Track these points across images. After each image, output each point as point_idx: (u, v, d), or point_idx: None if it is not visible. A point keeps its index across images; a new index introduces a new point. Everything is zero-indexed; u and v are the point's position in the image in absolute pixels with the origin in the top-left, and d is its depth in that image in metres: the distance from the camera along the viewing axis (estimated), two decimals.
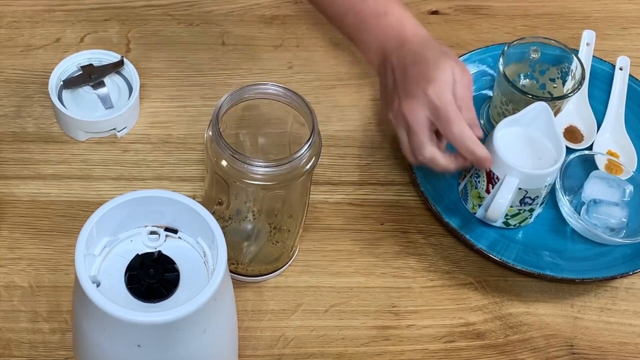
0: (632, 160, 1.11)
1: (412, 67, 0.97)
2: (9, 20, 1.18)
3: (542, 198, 1.02)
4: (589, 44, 1.17)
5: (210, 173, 0.92)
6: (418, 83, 0.95)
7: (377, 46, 1.01)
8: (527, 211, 1.02)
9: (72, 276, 0.98)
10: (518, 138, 1.01)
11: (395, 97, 0.98)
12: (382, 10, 1.00)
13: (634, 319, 1.02)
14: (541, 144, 1.01)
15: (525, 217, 1.03)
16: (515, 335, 1.00)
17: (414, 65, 0.97)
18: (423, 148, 0.97)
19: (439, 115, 0.95)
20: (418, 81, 0.96)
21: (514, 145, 1.00)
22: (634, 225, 1.04)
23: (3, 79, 1.14)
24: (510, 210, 1.02)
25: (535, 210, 1.03)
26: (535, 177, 0.99)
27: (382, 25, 1.00)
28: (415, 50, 0.98)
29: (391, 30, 1.00)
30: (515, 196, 1.00)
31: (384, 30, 1.00)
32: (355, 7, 1.01)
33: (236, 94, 0.90)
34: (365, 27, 1.01)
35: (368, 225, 1.06)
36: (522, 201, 1.01)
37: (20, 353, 0.95)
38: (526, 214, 1.03)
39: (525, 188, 0.99)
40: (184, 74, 1.15)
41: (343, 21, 1.03)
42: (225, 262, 0.78)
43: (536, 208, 1.03)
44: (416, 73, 0.96)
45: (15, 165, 1.07)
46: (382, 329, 0.99)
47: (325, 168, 1.09)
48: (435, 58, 0.97)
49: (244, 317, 0.98)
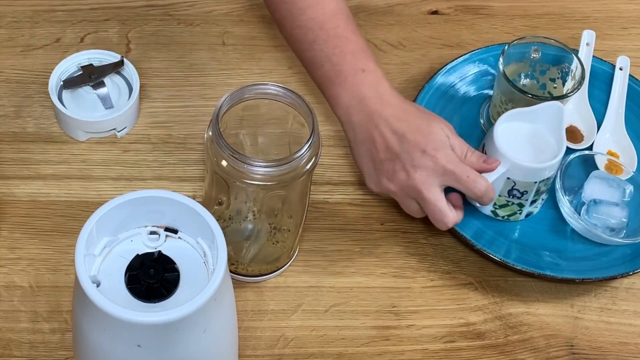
0: (632, 160, 1.11)
1: (410, 136, 0.95)
2: (9, 20, 1.18)
3: (533, 195, 1.02)
4: (589, 44, 1.17)
5: (210, 173, 0.92)
6: (424, 152, 0.95)
7: (349, 102, 0.98)
8: (516, 205, 1.02)
9: (72, 276, 0.98)
10: (524, 132, 1.01)
11: (398, 169, 0.96)
12: (360, 66, 0.97)
13: (634, 319, 1.02)
14: (546, 143, 1.01)
15: (514, 211, 1.03)
16: (515, 335, 1.00)
17: (410, 134, 0.96)
18: (445, 217, 0.97)
19: (459, 178, 0.95)
20: (423, 150, 0.95)
21: (518, 138, 1.01)
22: (634, 225, 1.04)
23: (3, 79, 1.14)
24: (498, 200, 1.02)
25: (526, 207, 1.03)
26: (524, 169, 0.99)
27: (358, 82, 0.97)
28: (402, 117, 0.96)
29: (368, 89, 0.97)
30: (503, 185, 1.00)
31: (360, 87, 0.97)
32: (332, 58, 0.98)
33: (236, 94, 0.90)
34: (341, 81, 0.98)
35: (368, 225, 1.06)
36: (511, 192, 1.01)
37: (20, 353, 0.95)
38: (515, 208, 1.03)
39: (513, 179, 0.99)
40: (184, 74, 1.15)
41: (318, 70, 1.00)
42: (225, 262, 0.78)
43: (526, 205, 1.03)
44: (416, 142, 0.95)
45: (15, 165, 1.07)
46: (382, 329, 0.99)
47: (325, 168, 1.09)
48: (426, 124, 0.96)
49: (244, 317, 0.98)
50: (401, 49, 1.20)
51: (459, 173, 0.95)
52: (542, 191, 1.03)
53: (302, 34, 0.99)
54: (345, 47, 0.98)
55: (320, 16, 0.98)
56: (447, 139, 0.97)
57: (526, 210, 1.04)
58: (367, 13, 1.23)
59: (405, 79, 1.17)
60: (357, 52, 0.98)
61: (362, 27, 1.21)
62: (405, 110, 0.97)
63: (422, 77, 1.16)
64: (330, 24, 0.98)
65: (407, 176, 0.96)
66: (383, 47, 1.20)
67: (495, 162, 0.98)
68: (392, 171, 0.97)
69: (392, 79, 1.16)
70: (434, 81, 1.13)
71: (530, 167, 0.99)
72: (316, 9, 0.98)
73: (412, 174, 0.95)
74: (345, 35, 0.98)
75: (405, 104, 0.98)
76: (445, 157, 0.95)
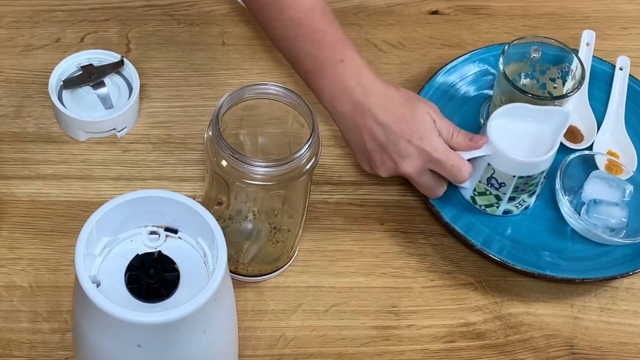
0: (632, 160, 1.11)
1: (394, 126, 0.97)
2: (9, 20, 1.18)
3: (511, 191, 1.01)
4: (589, 44, 1.17)
5: (210, 173, 0.92)
6: (409, 142, 0.97)
7: (333, 94, 0.99)
8: (494, 196, 1.02)
9: (72, 276, 0.98)
10: (526, 129, 1.01)
11: (387, 160, 0.99)
12: (339, 57, 0.99)
13: (634, 319, 1.02)
14: (542, 146, 1.01)
15: (491, 202, 1.03)
16: (515, 335, 1.00)
17: (394, 124, 0.97)
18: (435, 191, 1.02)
19: (444, 166, 0.98)
20: (409, 140, 0.97)
21: (516, 132, 1.01)
22: (634, 225, 1.04)
23: (3, 79, 1.14)
24: (478, 186, 1.02)
25: (503, 201, 1.03)
26: (504, 159, 0.98)
27: (339, 72, 0.99)
28: (386, 106, 0.98)
29: (349, 79, 0.98)
30: (484, 170, 1.00)
31: (341, 78, 0.98)
32: (312, 53, 1.00)
33: (236, 94, 0.90)
34: (322, 74, 0.99)
35: (368, 225, 1.06)
36: (489, 180, 1.01)
37: (20, 353, 0.95)
38: (492, 199, 1.03)
39: (493, 166, 0.99)
40: (184, 74, 1.15)
41: (301, 67, 1.02)
42: (225, 262, 0.78)
43: (504, 199, 1.02)
44: (401, 132, 0.97)
45: (15, 165, 1.07)
46: (382, 329, 0.99)
47: (325, 168, 1.09)
48: (411, 110, 0.98)
49: (244, 317, 0.98)
50: (401, 49, 1.20)
51: (444, 161, 0.98)
52: (523, 191, 1.02)
53: (283, 33, 1.02)
54: (323, 40, 1.00)
55: (297, 14, 1.00)
56: (432, 124, 0.98)
57: (504, 205, 1.04)
58: (367, 13, 1.23)
59: (405, 79, 1.17)
60: (334, 43, 0.99)
61: (362, 27, 1.21)
62: (389, 98, 0.98)
63: (422, 77, 1.16)
64: (307, 20, 1.00)
65: (395, 165, 0.99)
66: (383, 47, 1.20)
67: (482, 139, 0.99)
68: (380, 161, 0.99)
69: (392, 79, 1.16)
70: (434, 81, 1.13)
71: (510, 158, 0.98)
72: (294, 7, 1.00)
73: (399, 164, 0.99)
74: (322, 29, 1.00)
75: (388, 91, 0.99)
76: (431, 145, 0.97)
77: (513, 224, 1.06)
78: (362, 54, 1.00)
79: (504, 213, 1.05)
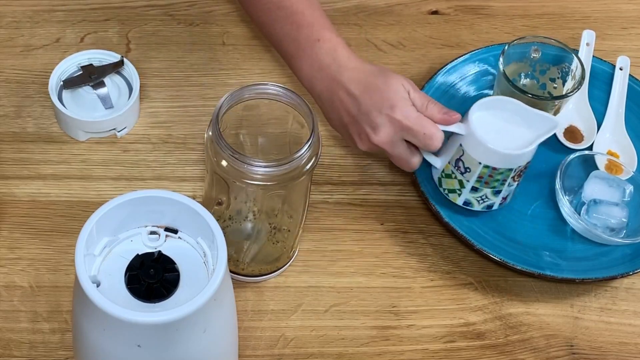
0: (632, 160, 1.11)
1: (365, 97, 0.97)
2: (9, 20, 1.18)
3: (475, 179, 0.99)
4: (589, 44, 1.17)
5: (210, 173, 0.92)
6: (380, 112, 0.97)
7: (311, 73, 1.00)
8: (458, 182, 1.01)
9: (72, 276, 0.98)
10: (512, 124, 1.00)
11: (361, 132, 0.99)
12: (315, 37, 1.00)
13: (634, 319, 1.02)
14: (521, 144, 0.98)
15: (454, 187, 1.02)
16: (515, 335, 1.00)
17: (365, 94, 0.97)
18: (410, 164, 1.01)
19: (415, 133, 0.97)
20: (380, 109, 0.97)
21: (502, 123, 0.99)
22: (634, 225, 1.04)
23: (3, 79, 1.14)
24: (446, 167, 1.01)
25: (466, 189, 1.01)
26: (473, 141, 0.97)
27: (315, 52, 1.00)
28: (359, 79, 0.98)
29: (325, 57, 0.99)
30: (455, 151, 0.99)
31: (318, 57, 1.00)
32: (290, 34, 1.02)
33: (236, 94, 0.90)
34: (300, 55, 1.01)
35: (368, 225, 1.06)
36: (457, 163, 1.00)
37: (20, 353, 0.95)
38: (455, 184, 1.01)
39: (463, 147, 0.98)
40: (184, 74, 1.15)
41: (282, 50, 1.04)
42: (225, 262, 0.78)
43: (466, 187, 1.01)
44: (373, 103, 0.97)
45: (15, 165, 1.07)
46: (382, 329, 0.99)
47: (325, 168, 1.09)
48: (383, 81, 0.98)
49: (244, 317, 0.98)
50: (401, 49, 1.20)
51: (416, 129, 0.97)
52: (487, 184, 1.00)
53: (265, 17, 1.04)
54: (301, 21, 1.01)
55: None
56: (406, 94, 0.98)
57: (465, 194, 1.02)
58: (367, 13, 1.23)
59: None
60: (312, 24, 1.01)
61: (362, 27, 1.21)
62: (362, 71, 0.99)
63: (422, 77, 1.16)
64: (286, 3, 1.02)
65: (370, 137, 0.98)
66: (383, 47, 1.20)
67: (456, 115, 0.98)
68: (357, 133, 1.00)
69: None
70: (434, 81, 1.13)
71: (479, 141, 0.97)
72: None
73: (371, 135, 0.98)
74: (301, 11, 1.02)
75: (362, 65, 0.99)
76: (402, 113, 0.97)
77: (513, 224, 1.06)
78: (340, 34, 1.01)
79: (465, 204, 1.03)
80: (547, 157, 1.10)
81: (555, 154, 1.11)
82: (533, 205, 1.08)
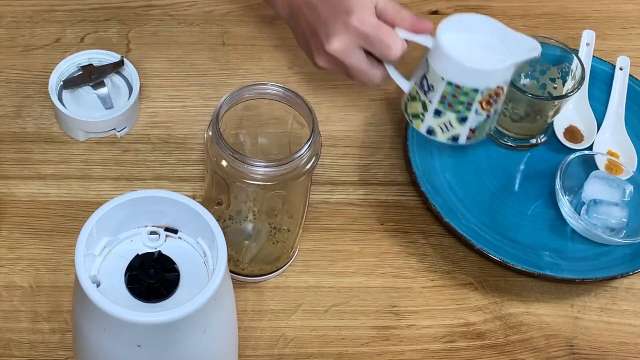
0: (632, 160, 1.11)
1: (324, 6, 0.94)
2: (9, 20, 1.18)
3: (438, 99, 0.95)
4: (589, 44, 1.17)
5: (210, 173, 0.92)
6: (337, 19, 0.93)
7: None
8: (421, 104, 0.96)
9: (72, 276, 0.98)
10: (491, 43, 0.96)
11: (318, 42, 0.95)
12: None
13: (634, 319, 1.02)
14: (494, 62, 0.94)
15: (418, 112, 0.97)
16: (515, 335, 1.00)
17: (325, 3, 0.94)
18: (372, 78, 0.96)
19: (371, 40, 0.93)
20: (336, 17, 0.93)
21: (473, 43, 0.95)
22: (634, 225, 1.04)
23: (3, 79, 1.14)
24: (413, 89, 0.97)
25: (429, 112, 0.96)
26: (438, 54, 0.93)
27: None
28: None
29: None
30: (421, 68, 0.95)
31: None
32: None
33: (236, 94, 0.90)
34: None
35: (368, 225, 1.06)
36: (422, 81, 0.96)
37: (20, 353, 0.95)
38: (419, 107, 0.96)
39: (429, 62, 0.94)
40: (184, 74, 1.16)
41: None
42: (225, 262, 0.78)
43: (429, 109, 0.95)
44: (331, 11, 0.94)
45: (15, 165, 1.07)
46: (382, 329, 0.99)
47: (325, 168, 1.09)
48: None
49: (244, 317, 0.98)
50: None
51: (373, 36, 0.93)
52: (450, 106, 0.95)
53: None
54: None
55: None
56: (370, 2, 0.94)
57: (428, 119, 0.97)
58: None
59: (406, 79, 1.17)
60: None
61: None
62: None
63: None
64: None
65: (324, 46, 0.95)
66: None
67: (426, 23, 0.93)
68: (316, 47, 0.96)
69: None
70: None
71: (443, 53, 0.92)
72: None
73: (327, 43, 0.95)
74: None
75: None
76: (359, 19, 0.93)
77: (513, 224, 1.06)
78: None
79: (428, 132, 0.98)
80: (547, 157, 1.10)
81: (555, 154, 1.11)
82: (533, 205, 1.08)
